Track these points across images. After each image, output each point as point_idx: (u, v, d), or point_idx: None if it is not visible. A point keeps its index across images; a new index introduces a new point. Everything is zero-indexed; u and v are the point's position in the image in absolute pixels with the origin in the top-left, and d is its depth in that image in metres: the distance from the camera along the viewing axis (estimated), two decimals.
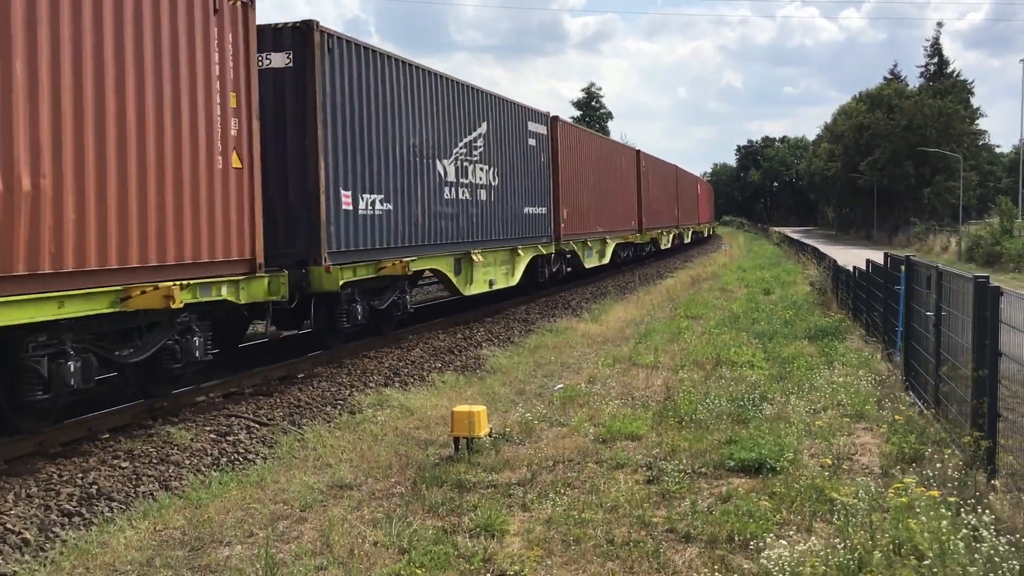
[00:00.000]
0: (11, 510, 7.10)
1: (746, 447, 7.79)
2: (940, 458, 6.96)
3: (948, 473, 6.47)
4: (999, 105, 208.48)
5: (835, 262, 22.95)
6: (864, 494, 6.20)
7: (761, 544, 5.58)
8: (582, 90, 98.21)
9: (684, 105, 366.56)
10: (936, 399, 8.65)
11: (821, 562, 5.12)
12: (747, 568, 5.50)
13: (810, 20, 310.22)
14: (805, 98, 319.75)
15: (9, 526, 6.76)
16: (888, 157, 71.80)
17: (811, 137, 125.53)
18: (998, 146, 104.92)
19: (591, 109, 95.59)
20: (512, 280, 20.59)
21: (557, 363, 13.75)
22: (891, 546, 5.29)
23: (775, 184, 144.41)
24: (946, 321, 8.43)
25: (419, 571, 5.60)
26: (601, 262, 29.26)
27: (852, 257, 25.74)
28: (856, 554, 5.18)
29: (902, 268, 11.17)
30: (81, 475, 8.02)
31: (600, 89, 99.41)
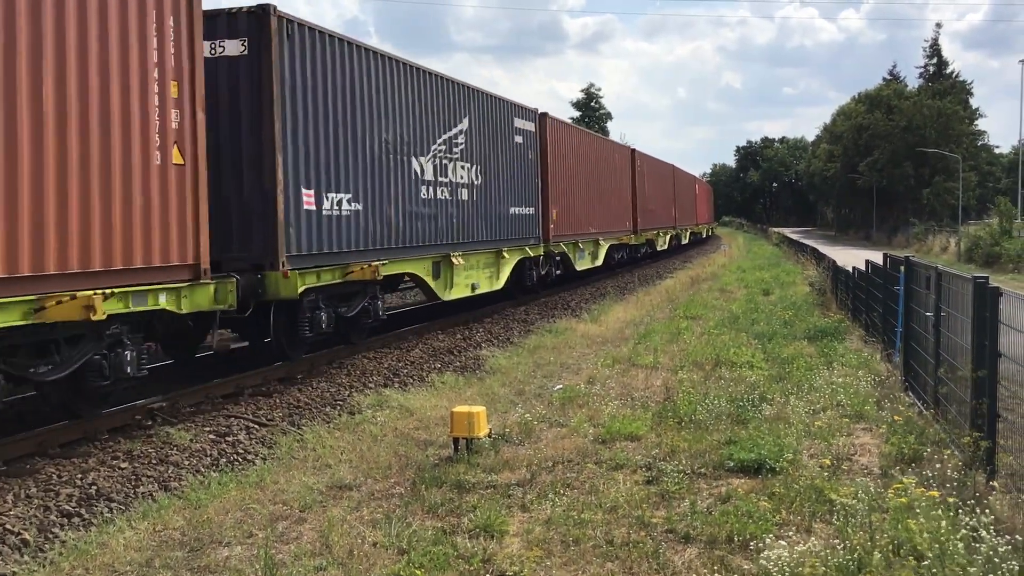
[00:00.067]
0: (10, 511, 7.10)
1: (745, 448, 7.80)
2: (939, 458, 6.96)
3: (947, 473, 6.48)
4: (998, 106, 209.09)
5: (834, 263, 22.97)
6: (863, 494, 6.20)
7: (760, 544, 5.58)
8: (581, 90, 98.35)
9: (683, 105, 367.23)
10: (935, 399, 8.65)
11: (821, 563, 5.12)
12: (747, 569, 5.50)
13: (809, 21, 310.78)
14: (804, 99, 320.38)
15: (8, 527, 6.76)
16: (887, 158, 71.87)
17: (810, 138, 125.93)
18: (997, 147, 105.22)
19: (590, 109, 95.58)
20: (497, 284, 19.74)
21: (556, 363, 13.76)
22: (890, 547, 5.29)
23: (774, 185, 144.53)
24: (945, 322, 8.43)
25: (418, 572, 5.60)
26: (594, 264, 28.55)
27: (851, 258, 25.75)
28: (855, 555, 5.19)
29: (901, 269, 11.17)
30: (80, 476, 8.02)
31: (599, 90, 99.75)
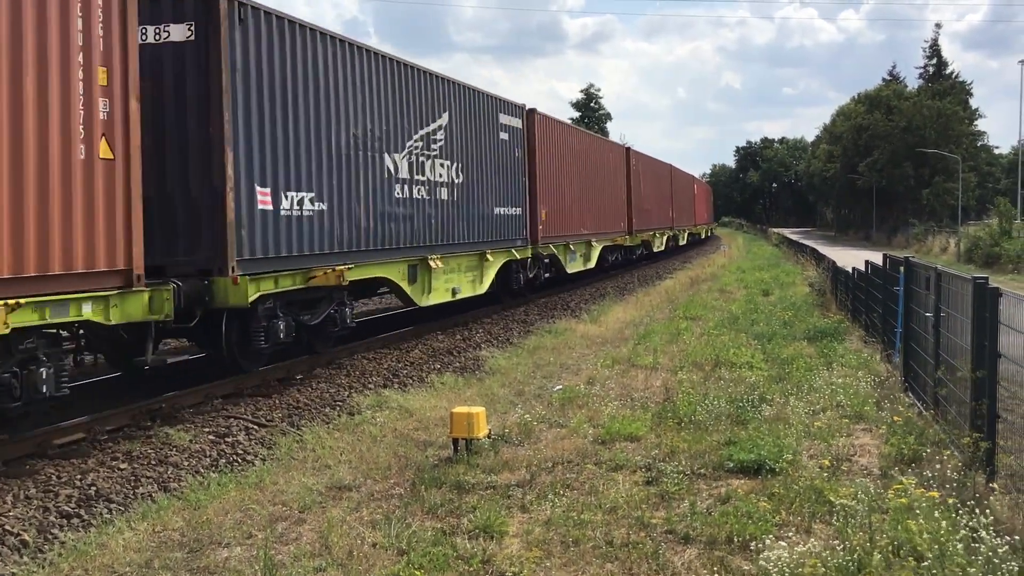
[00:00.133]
0: (10, 511, 7.09)
1: (745, 448, 7.80)
2: (939, 459, 6.96)
3: (947, 474, 6.48)
4: (998, 106, 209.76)
5: (834, 263, 22.97)
6: (863, 495, 6.20)
7: (760, 545, 5.58)
8: (581, 91, 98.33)
9: (683, 106, 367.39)
10: (935, 400, 8.65)
11: (820, 563, 5.13)
12: (746, 569, 5.50)
13: (809, 21, 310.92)
14: (804, 99, 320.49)
15: (8, 527, 6.76)
16: (887, 158, 71.89)
17: (810, 138, 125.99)
18: (997, 147, 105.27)
19: (590, 110, 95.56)
20: (480, 288, 18.80)
21: (556, 364, 13.75)
22: (890, 547, 5.29)
23: (774, 185, 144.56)
24: (945, 322, 8.43)
25: (418, 572, 5.61)
26: (586, 266, 27.63)
27: (851, 258, 25.75)
28: (855, 555, 5.19)
29: (901, 269, 11.18)
30: (80, 476, 8.02)
31: (599, 90, 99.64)
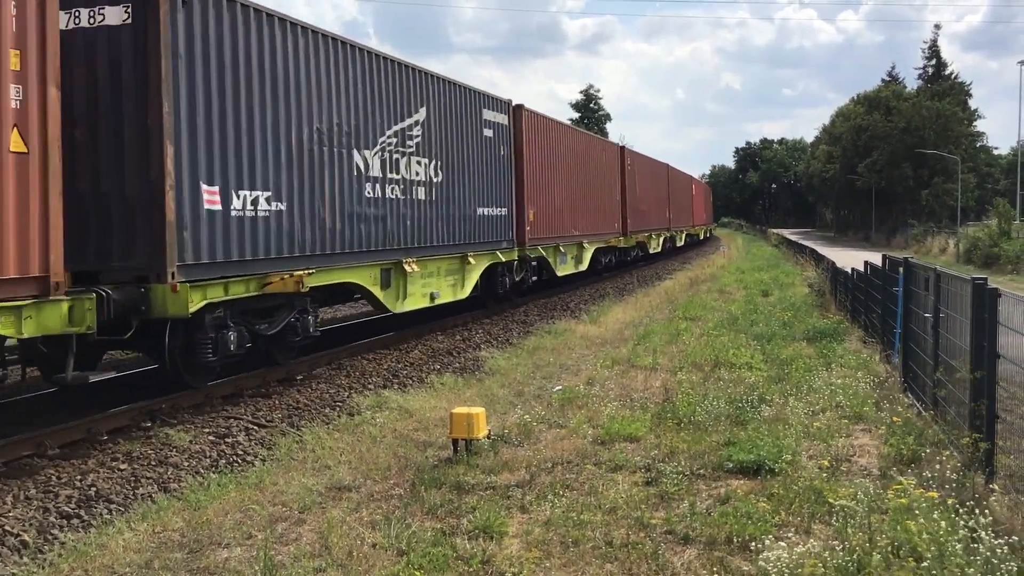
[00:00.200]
0: (10, 512, 7.10)
1: (745, 449, 7.80)
2: (938, 460, 6.96)
3: (947, 475, 6.48)
4: (997, 107, 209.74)
5: (833, 264, 22.98)
6: (862, 496, 6.20)
7: (760, 546, 5.58)
8: (580, 92, 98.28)
9: (683, 106, 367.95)
10: (934, 400, 8.66)
11: (820, 564, 5.13)
12: (746, 570, 5.51)
13: (808, 22, 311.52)
14: (803, 100, 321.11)
15: (8, 528, 6.76)
16: (886, 159, 71.94)
17: (809, 139, 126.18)
18: (996, 148, 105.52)
19: (589, 111, 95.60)
20: (462, 292, 17.84)
21: (556, 364, 13.76)
22: (890, 548, 5.30)
23: (773, 186, 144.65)
24: (944, 323, 8.44)
25: (418, 573, 5.61)
26: (577, 269, 26.60)
27: (850, 259, 25.76)
28: (855, 556, 5.20)
29: (900, 270, 11.19)
30: (80, 477, 8.02)
31: (599, 91, 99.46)
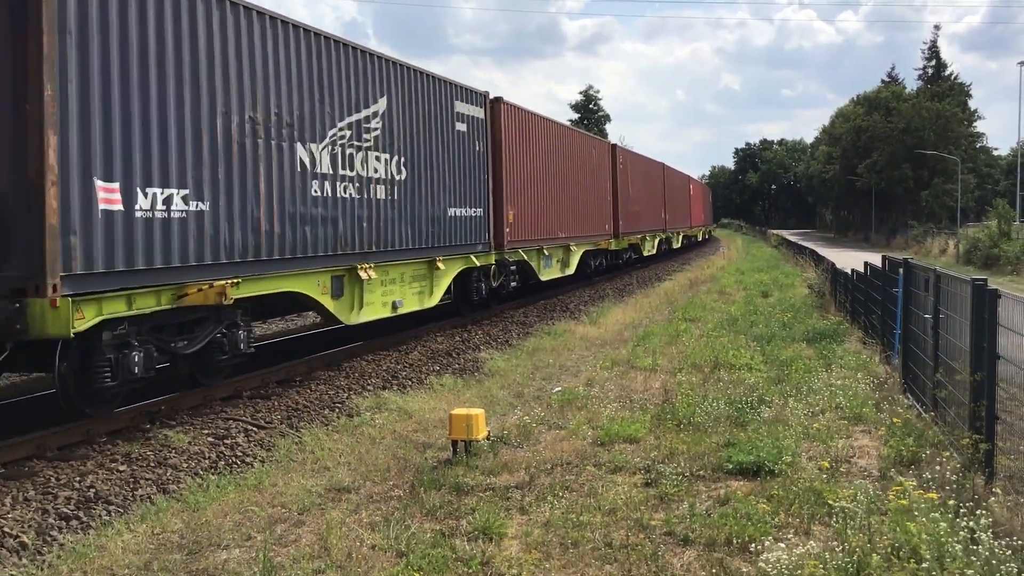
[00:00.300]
0: (8, 513, 7.09)
1: (744, 450, 7.80)
2: (938, 461, 6.96)
3: (946, 476, 6.48)
4: (997, 107, 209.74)
5: (833, 265, 22.99)
6: (862, 497, 6.20)
7: (759, 547, 5.58)
8: (580, 92, 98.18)
9: (682, 107, 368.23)
10: (934, 401, 8.65)
11: (820, 565, 5.13)
12: (745, 571, 5.50)
13: (808, 23, 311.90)
14: (803, 100, 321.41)
15: (7, 530, 6.76)
16: (886, 160, 71.99)
17: (809, 140, 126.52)
18: (996, 148, 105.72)
19: (589, 111, 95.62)
20: (429, 300, 16.39)
21: (555, 366, 13.75)
22: (889, 549, 5.30)
23: (773, 187, 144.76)
24: (944, 324, 8.43)
25: (417, 574, 5.61)
26: (564, 273, 25.13)
27: (850, 259, 25.77)
28: (854, 557, 5.19)
29: (900, 271, 11.18)
30: (79, 478, 8.02)
31: (598, 92, 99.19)
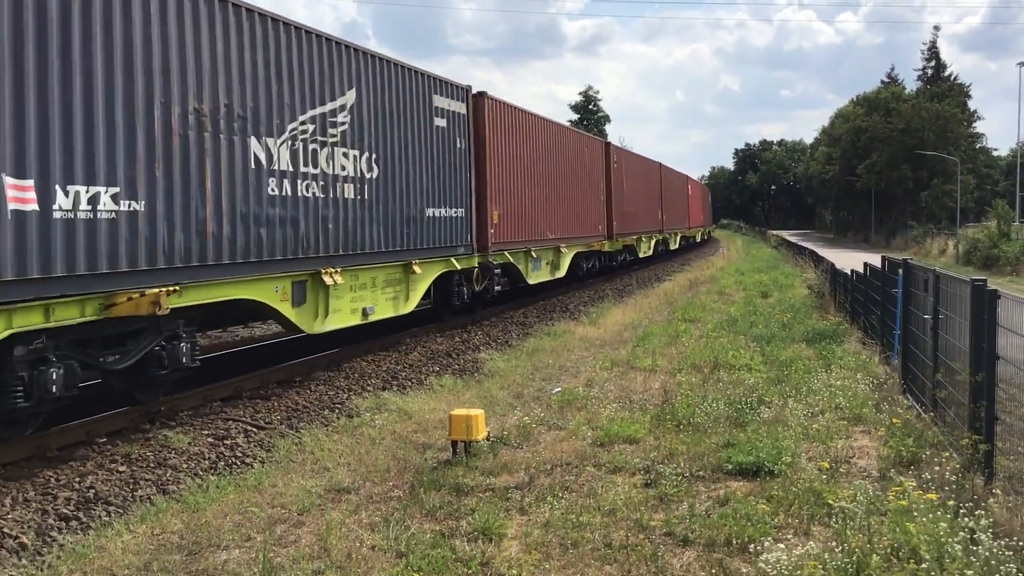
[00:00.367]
0: (8, 514, 7.09)
1: (744, 450, 7.80)
2: (938, 461, 6.97)
3: (946, 476, 6.48)
4: (996, 108, 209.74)
5: (833, 265, 22.99)
6: (862, 497, 6.21)
7: (759, 547, 5.59)
8: (579, 93, 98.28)
9: (681, 108, 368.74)
10: (934, 402, 8.66)
11: (819, 565, 5.13)
12: (745, 572, 5.50)
13: (807, 23, 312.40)
14: (802, 101, 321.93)
15: (6, 530, 6.76)
16: (886, 160, 72.00)
17: (808, 140, 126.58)
18: (995, 149, 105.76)
19: (588, 112, 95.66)
20: (405, 306, 15.37)
21: (555, 366, 13.75)
22: (889, 549, 5.30)
23: (773, 187, 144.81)
24: (944, 324, 8.44)
25: (417, 575, 5.61)
26: (554, 276, 24.18)
27: (850, 260, 25.77)
28: (854, 557, 5.19)
29: (900, 271, 11.19)
30: (79, 479, 8.02)
31: (598, 92, 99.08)
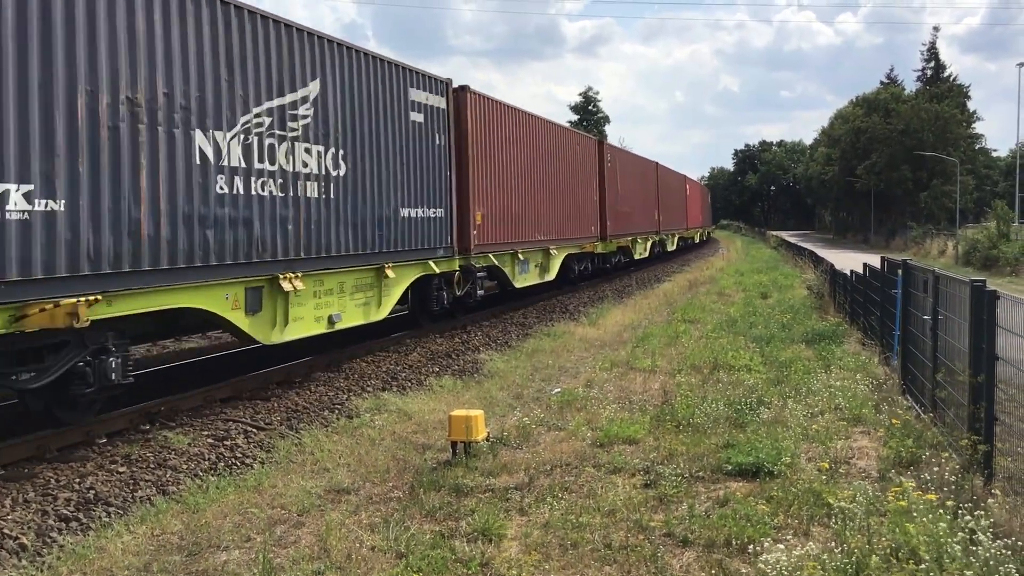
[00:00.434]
0: (8, 515, 7.09)
1: (743, 451, 7.81)
2: (937, 462, 6.97)
3: (945, 477, 6.49)
4: (996, 109, 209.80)
5: (832, 266, 22.99)
6: (861, 498, 6.21)
7: (759, 548, 5.59)
8: (579, 94, 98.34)
9: (681, 109, 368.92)
10: (933, 403, 8.66)
11: (819, 566, 5.13)
12: (744, 572, 5.51)
13: (807, 24, 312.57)
14: (802, 102, 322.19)
15: (6, 531, 6.76)
16: (885, 161, 72.03)
17: (808, 141, 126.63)
18: (995, 150, 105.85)
19: (588, 113, 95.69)
20: (377, 313, 14.35)
21: (555, 367, 13.76)
22: (889, 550, 5.30)
23: (772, 188, 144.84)
24: (943, 325, 8.44)
25: (416, 575, 5.61)
26: (543, 279, 23.39)
27: (849, 261, 25.78)
28: (853, 558, 5.20)
29: (899, 272, 11.19)
30: (79, 480, 8.02)
31: (597, 93, 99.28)
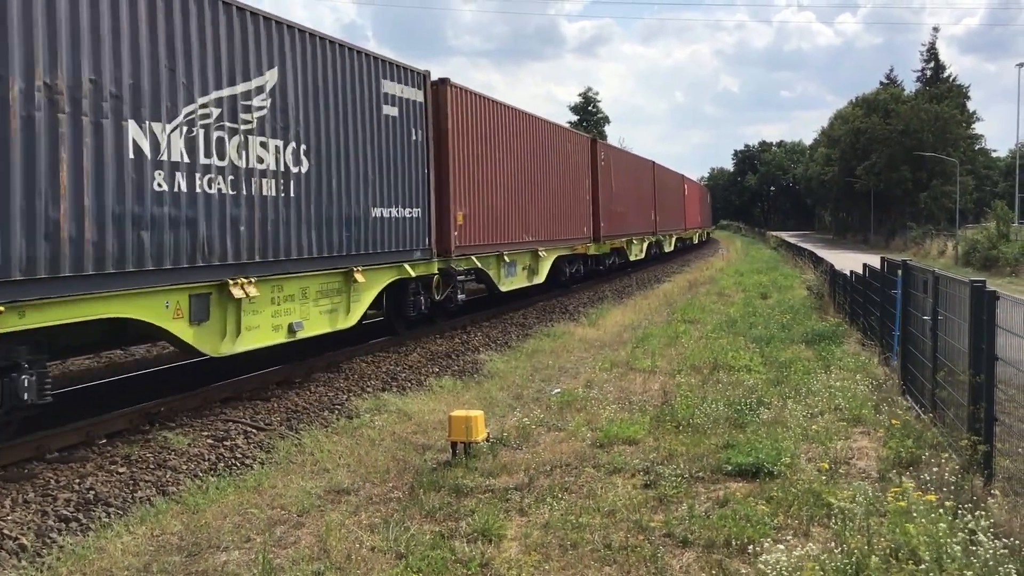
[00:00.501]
0: (8, 515, 7.09)
1: (743, 451, 7.81)
2: (937, 462, 6.97)
3: (945, 477, 6.49)
4: (995, 109, 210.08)
5: (832, 266, 22.99)
6: (861, 498, 6.22)
7: (758, 548, 5.59)
8: (579, 95, 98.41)
9: (681, 109, 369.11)
10: (933, 403, 8.66)
11: (818, 566, 5.13)
12: (744, 572, 5.51)
13: (806, 25, 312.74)
14: (802, 102, 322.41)
15: (6, 531, 6.76)
16: (885, 161, 72.04)
17: (808, 141, 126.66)
18: (994, 150, 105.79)
19: (588, 113, 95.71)
20: (345, 320, 13.37)
21: (554, 367, 13.76)
22: (888, 550, 5.30)
23: (772, 188, 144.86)
24: (943, 325, 8.44)
25: None
26: (531, 282, 22.50)
27: (849, 261, 25.78)
28: (853, 558, 5.20)
29: (899, 272, 11.19)
30: (79, 480, 8.02)
31: (597, 94, 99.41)
